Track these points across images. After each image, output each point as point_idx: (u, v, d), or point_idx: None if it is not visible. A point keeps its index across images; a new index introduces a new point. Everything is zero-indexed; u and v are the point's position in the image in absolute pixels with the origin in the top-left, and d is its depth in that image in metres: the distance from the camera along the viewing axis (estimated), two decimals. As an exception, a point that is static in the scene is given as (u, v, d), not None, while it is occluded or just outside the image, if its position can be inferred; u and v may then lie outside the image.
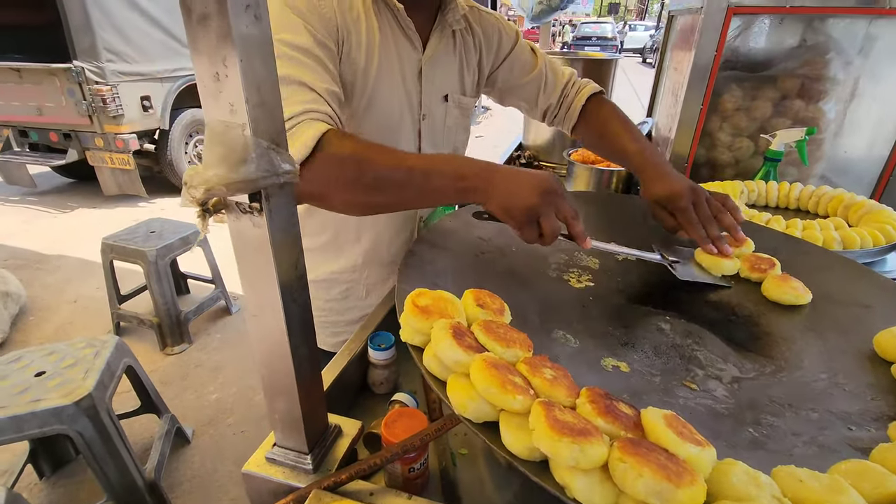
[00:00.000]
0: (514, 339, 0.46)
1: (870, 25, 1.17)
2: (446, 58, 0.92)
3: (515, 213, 0.61)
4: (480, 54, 0.98)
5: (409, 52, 0.86)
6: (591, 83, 1.04)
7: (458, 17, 0.89)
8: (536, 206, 0.60)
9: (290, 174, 0.42)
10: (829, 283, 0.70)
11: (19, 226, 4.11)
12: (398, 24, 0.83)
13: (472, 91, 1.01)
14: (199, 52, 0.38)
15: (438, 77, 0.91)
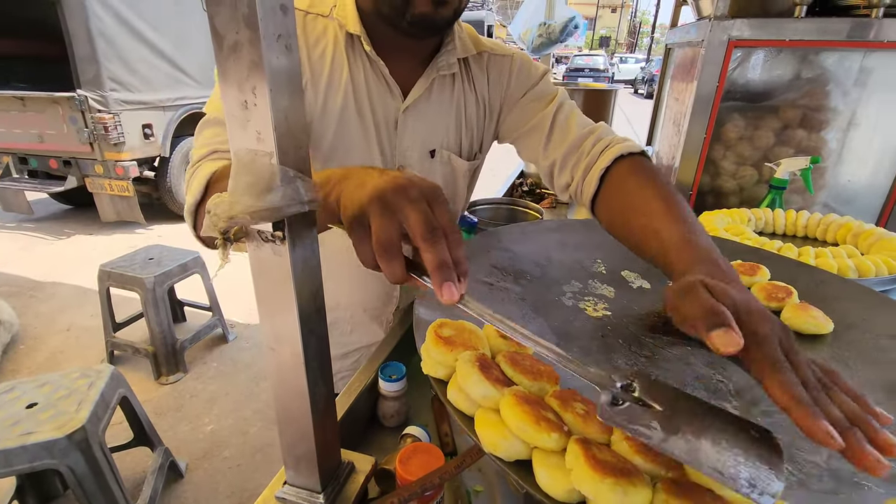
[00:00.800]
0: (540, 371, 0.45)
1: (864, 59, 1.20)
2: (436, 107, 0.82)
3: (345, 211, 0.44)
4: (484, 106, 0.87)
5: (385, 100, 0.79)
6: (629, 140, 0.75)
7: (451, 62, 0.80)
8: (366, 204, 0.42)
9: (314, 203, 0.42)
10: (849, 313, 0.69)
11: (15, 253, 4.08)
12: (372, 69, 0.77)
13: (471, 152, 0.89)
14: (228, 81, 0.37)
15: (421, 129, 0.82)
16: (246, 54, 0.36)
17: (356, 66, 0.76)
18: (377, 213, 0.41)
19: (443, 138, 0.85)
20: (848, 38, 1.11)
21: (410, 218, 0.41)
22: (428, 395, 0.82)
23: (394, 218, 0.41)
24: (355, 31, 0.74)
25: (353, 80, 0.76)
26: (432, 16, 0.68)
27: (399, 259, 0.41)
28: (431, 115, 0.82)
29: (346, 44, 0.76)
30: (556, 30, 2.03)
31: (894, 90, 1.21)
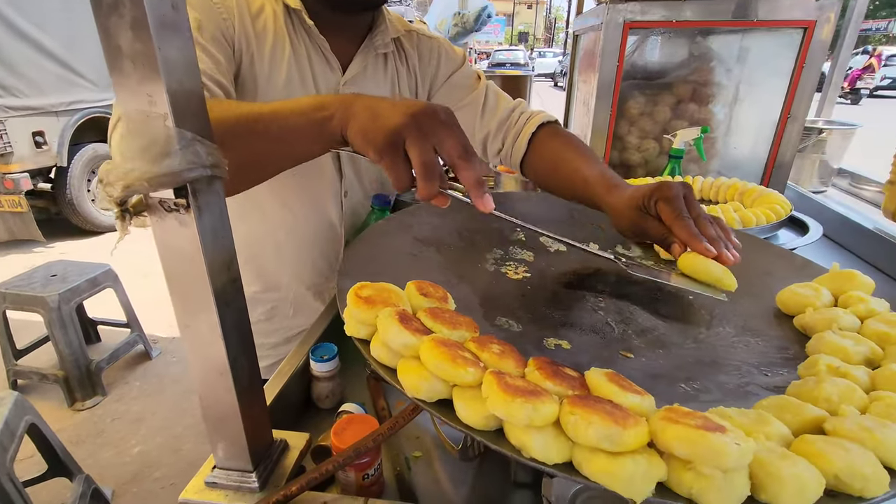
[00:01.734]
0: (460, 321, 0.47)
1: (742, 39, 1.34)
2: (372, 83, 0.88)
3: (374, 136, 0.46)
4: (416, 81, 0.95)
5: (326, 74, 0.83)
6: (545, 112, 0.90)
7: (386, 41, 0.87)
8: (400, 127, 0.45)
9: (219, 168, 0.41)
10: (734, 256, 0.78)
11: None
12: (311, 41, 0.81)
13: None
14: (111, 41, 0.36)
15: None
16: (128, 12, 0.35)
17: (298, 41, 0.79)
18: (415, 136, 0.44)
19: None
20: (732, 17, 1.24)
21: (447, 141, 0.45)
22: (363, 375, 0.82)
23: (430, 141, 0.45)
24: (295, 6, 0.77)
25: (296, 53, 0.79)
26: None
27: (440, 177, 0.46)
28: (369, 89, 0.87)
29: (285, 18, 0.77)
30: (470, 19, 2.07)
31: (768, 67, 1.36)
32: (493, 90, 0.93)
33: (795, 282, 0.66)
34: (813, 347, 0.54)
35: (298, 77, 0.80)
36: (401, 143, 0.45)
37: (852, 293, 0.60)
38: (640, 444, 0.33)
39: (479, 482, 0.62)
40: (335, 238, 0.96)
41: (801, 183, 1.88)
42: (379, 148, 0.46)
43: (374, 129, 0.46)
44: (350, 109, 0.50)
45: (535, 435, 0.34)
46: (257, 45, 0.76)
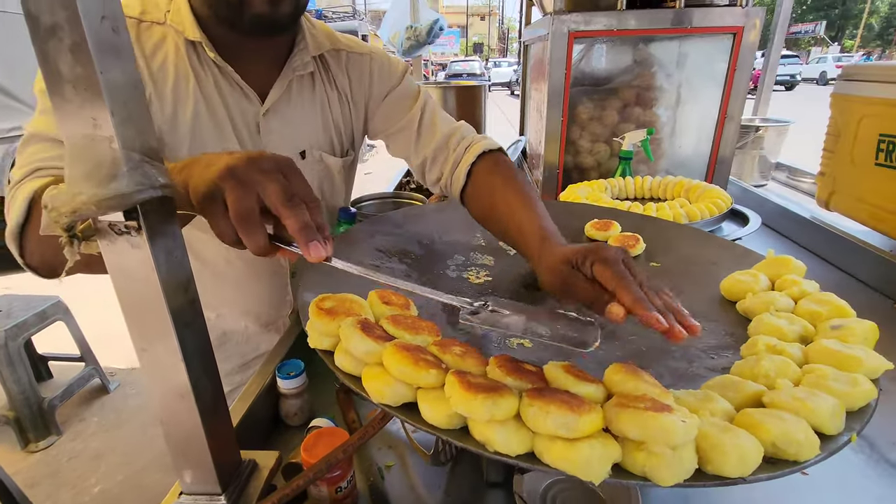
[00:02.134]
0: (421, 326, 0.48)
1: (680, 45, 1.42)
2: (298, 109, 0.81)
3: (196, 188, 0.43)
4: (349, 105, 0.87)
5: (242, 105, 0.76)
6: (488, 138, 0.85)
7: (305, 61, 0.79)
8: (218, 178, 0.41)
9: (168, 187, 0.41)
10: (683, 249, 0.82)
11: None
12: (221, 74, 0.74)
13: (342, 150, 0.89)
14: (49, 65, 0.35)
15: (287, 132, 0.80)
16: (67, 36, 0.35)
17: (204, 74, 0.73)
18: (231, 186, 0.41)
19: (311, 138, 0.84)
20: (670, 25, 1.31)
21: (268, 188, 0.41)
22: (332, 390, 0.82)
23: (250, 189, 0.41)
24: (195, 38, 0.70)
25: (203, 88, 0.72)
26: (271, 15, 0.66)
27: (261, 229, 0.42)
28: (296, 117, 0.81)
29: (187, 51, 0.71)
30: (422, 32, 2.11)
31: (705, 71, 1.45)
32: (429, 111, 0.87)
33: (738, 270, 0.70)
34: (753, 329, 0.58)
35: (207, 112, 0.74)
36: (220, 194, 0.42)
37: (787, 277, 0.65)
38: (594, 429, 0.35)
39: (453, 485, 0.63)
40: (279, 272, 0.91)
41: (744, 178, 2.00)
42: (199, 202, 0.42)
43: (198, 181, 0.43)
44: (187, 170, 0.45)
45: (497, 429, 0.36)
46: (155, 86, 0.70)
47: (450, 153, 0.84)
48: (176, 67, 0.71)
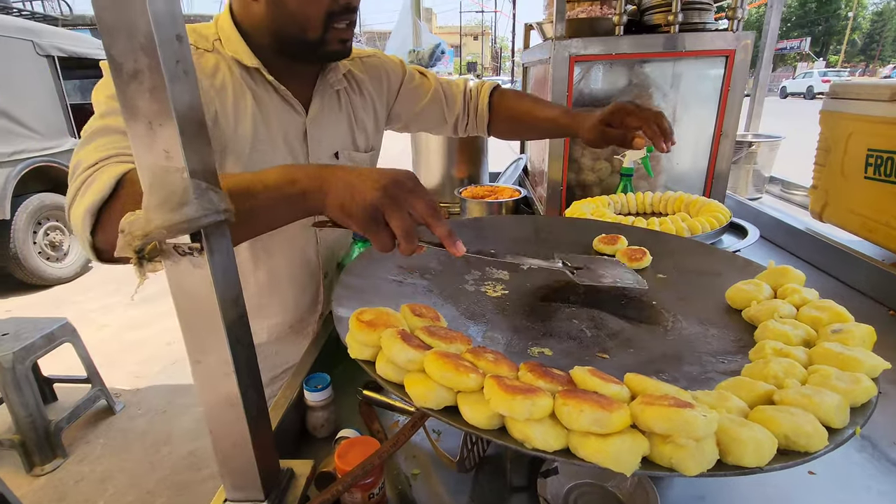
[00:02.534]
0: (454, 336, 0.52)
1: (674, 66, 1.48)
2: (333, 117, 0.94)
3: (355, 212, 0.51)
4: (373, 104, 1.02)
5: (291, 117, 0.88)
6: (487, 81, 1.13)
7: (339, 78, 0.94)
8: (379, 202, 0.50)
9: (228, 212, 0.45)
10: (687, 262, 0.86)
11: None
12: (274, 92, 0.86)
13: (366, 145, 1.04)
14: (129, 106, 0.40)
15: (326, 136, 0.94)
16: (147, 80, 0.39)
17: (259, 93, 0.84)
18: (391, 207, 0.51)
19: (343, 140, 0.97)
20: (663, 49, 1.37)
21: (416, 205, 0.52)
22: (354, 402, 0.85)
23: (405, 208, 0.52)
24: (252, 64, 0.82)
25: (259, 105, 0.83)
26: (341, 51, 0.83)
27: (416, 238, 0.53)
28: (330, 123, 0.94)
29: (241, 74, 0.82)
30: (425, 55, 2.18)
31: (699, 90, 1.51)
32: (443, 82, 1.09)
33: (740, 280, 0.74)
34: (760, 334, 0.61)
35: (264, 125, 0.84)
36: (380, 215, 0.51)
37: (788, 286, 0.69)
38: (624, 424, 0.39)
39: (478, 491, 0.66)
40: (313, 273, 0.99)
41: (739, 192, 2.06)
42: (360, 222, 0.52)
43: (353, 205, 0.51)
44: (324, 185, 0.53)
45: (534, 427, 0.39)
46: (220, 102, 0.80)
47: (469, 103, 1.09)
48: (233, 86, 0.81)
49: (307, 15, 0.77)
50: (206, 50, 0.81)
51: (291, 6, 0.77)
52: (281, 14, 0.78)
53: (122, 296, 3.99)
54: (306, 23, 0.78)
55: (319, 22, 0.78)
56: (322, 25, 0.78)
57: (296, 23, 0.78)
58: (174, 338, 3.30)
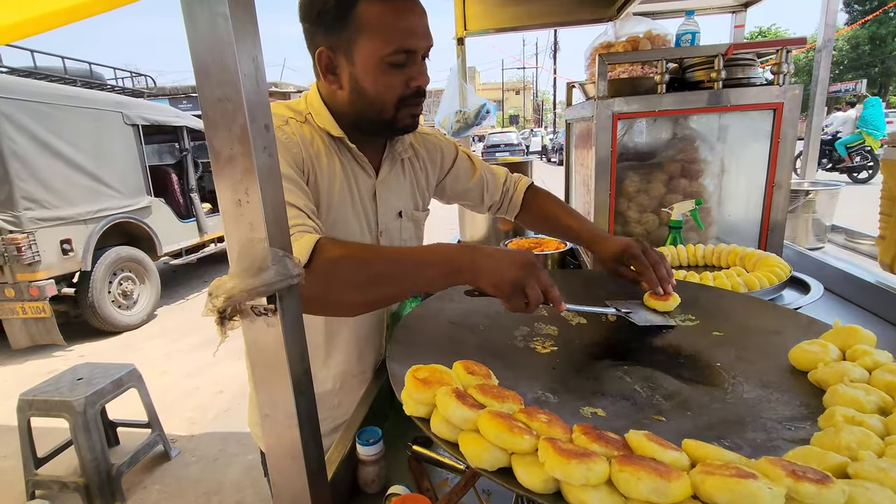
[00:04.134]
0: (506, 395, 0.53)
1: (721, 119, 1.49)
2: (397, 181, 1.06)
3: (504, 287, 0.71)
4: (427, 173, 1.13)
5: (364, 179, 0.99)
6: (524, 177, 1.26)
7: (405, 147, 1.05)
8: (521, 278, 0.70)
9: (300, 276, 0.49)
10: (744, 318, 0.84)
11: None
12: (352, 157, 0.97)
13: (423, 206, 1.14)
14: (223, 185, 0.46)
15: (392, 197, 1.04)
16: (240, 164, 0.45)
17: (343, 158, 0.95)
18: (531, 283, 0.71)
19: (406, 200, 1.07)
20: (707, 105, 1.39)
21: (542, 279, 0.73)
22: (403, 458, 0.85)
23: (537, 284, 0.72)
24: (338, 135, 0.93)
25: (343, 168, 0.95)
26: (410, 125, 0.94)
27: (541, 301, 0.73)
28: (396, 186, 1.04)
29: (329, 142, 0.94)
30: (470, 115, 2.29)
31: (747, 141, 1.50)
32: (488, 171, 1.22)
33: (804, 339, 0.71)
34: (829, 400, 0.58)
35: (346, 185, 0.96)
36: (521, 288, 0.71)
37: (858, 347, 0.66)
38: (684, 495, 0.38)
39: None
40: (380, 325, 1.06)
41: (798, 241, 1.97)
42: (508, 294, 0.72)
43: (503, 282, 0.71)
44: (476, 266, 0.73)
45: (591, 493, 0.39)
46: (317, 164, 0.92)
47: (506, 193, 1.23)
48: (324, 153, 0.93)
49: (384, 100, 0.89)
50: (300, 122, 0.93)
51: (370, 94, 0.88)
52: (361, 99, 0.89)
53: (184, 344, 4.20)
54: (382, 106, 0.89)
55: (392, 105, 0.89)
56: (394, 108, 0.90)
57: (373, 107, 0.90)
58: (225, 387, 3.42)
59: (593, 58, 1.68)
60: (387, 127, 0.93)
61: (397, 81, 0.88)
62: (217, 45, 0.42)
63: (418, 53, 0.88)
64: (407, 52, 0.86)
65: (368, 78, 0.87)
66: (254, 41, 0.45)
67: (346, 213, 0.95)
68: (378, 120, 0.91)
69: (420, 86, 0.90)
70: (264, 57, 0.47)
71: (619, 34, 1.80)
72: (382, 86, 0.87)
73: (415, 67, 0.89)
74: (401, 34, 0.85)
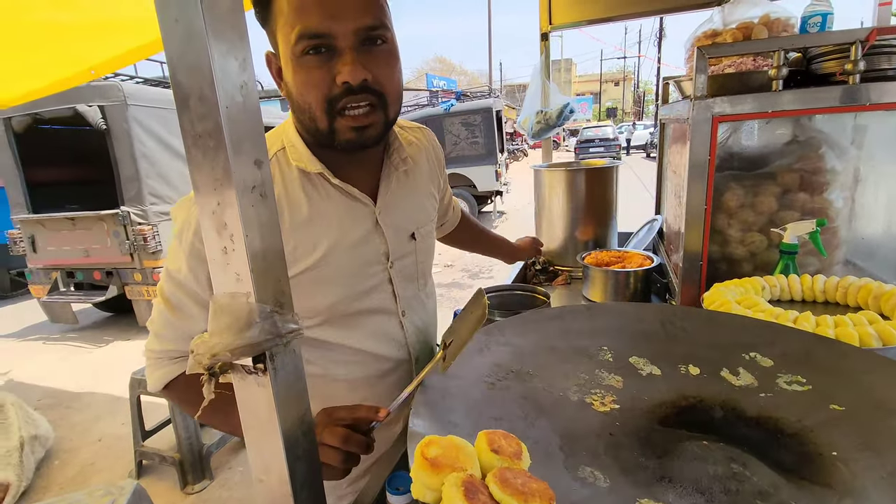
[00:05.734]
0: (533, 490, 0.43)
1: (856, 118, 1.22)
2: (401, 198, 0.89)
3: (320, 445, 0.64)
4: (436, 167, 1.00)
5: (360, 211, 0.83)
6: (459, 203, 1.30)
7: (403, 157, 0.88)
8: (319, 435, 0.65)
9: (294, 332, 0.43)
10: (876, 389, 0.64)
11: (56, 364, 4.23)
12: (337, 191, 0.80)
13: (434, 212, 1.00)
14: (208, 230, 0.41)
15: (399, 220, 0.88)
16: (229, 201, 0.40)
17: (323, 195, 0.80)
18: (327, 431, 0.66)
19: (418, 218, 0.93)
20: (839, 104, 1.13)
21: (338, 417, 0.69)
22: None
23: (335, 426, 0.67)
24: (316, 170, 0.77)
25: (331, 207, 0.80)
26: (357, 140, 0.74)
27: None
28: (402, 204, 0.89)
29: (301, 180, 0.78)
30: (552, 116, 2.14)
31: (890, 146, 1.21)
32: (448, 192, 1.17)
33: (968, 433, 0.52)
34: None
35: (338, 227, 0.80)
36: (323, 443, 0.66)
37: None
38: None
39: None
40: (404, 359, 0.93)
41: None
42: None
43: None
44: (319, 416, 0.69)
45: None
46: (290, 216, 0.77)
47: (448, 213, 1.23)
48: (305, 198, 0.78)
49: (308, 104, 0.71)
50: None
51: (294, 96, 0.72)
52: (293, 106, 0.74)
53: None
54: (310, 112, 0.72)
55: (321, 110, 0.71)
56: (326, 115, 0.71)
57: (304, 114, 0.73)
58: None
59: (692, 51, 1.46)
60: (330, 140, 0.74)
61: (316, 77, 0.69)
62: (196, 68, 0.37)
63: (340, 38, 0.68)
64: (319, 37, 0.67)
65: (289, 77, 0.71)
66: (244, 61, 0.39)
67: (343, 259, 0.81)
68: (318, 133, 0.73)
69: (347, 81, 0.68)
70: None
71: (728, 20, 1.54)
72: (300, 85, 0.70)
73: (340, 58, 0.68)
74: (306, 14, 0.66)
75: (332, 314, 0.83)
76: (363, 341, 0.87)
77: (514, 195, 10.53)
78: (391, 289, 0.89)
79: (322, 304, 0.82)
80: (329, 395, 0.87)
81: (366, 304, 0.86)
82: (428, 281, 1.00)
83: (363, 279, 0.85)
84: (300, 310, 0.79)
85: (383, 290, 0.88)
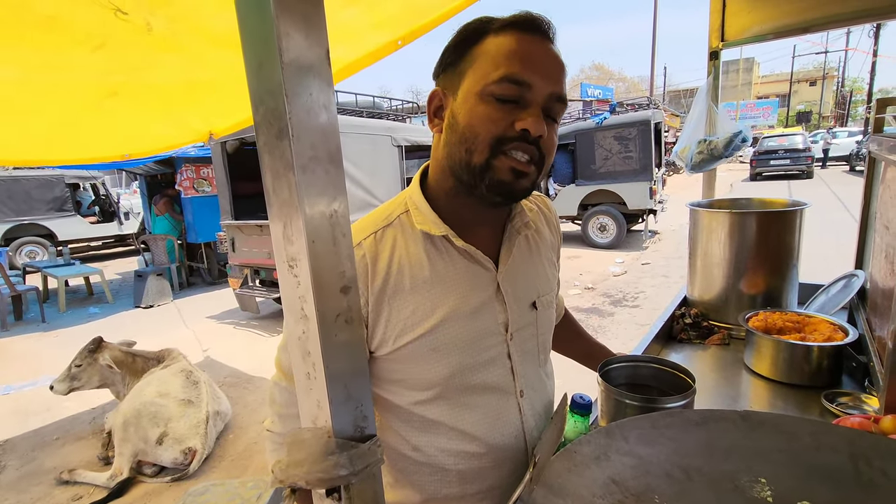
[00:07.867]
0: None
1: None
2: (523, 263, 0.85)
3: None
4: (555, 232, 0.96)
5: (481, 276, 0.80)
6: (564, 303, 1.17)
7: (525, 221, 0.85)
8: None
9: (372, 465, 0.41)
10: None
11: (242, 348, 5.03)
12: (459, 253, 0.78)
13: (554, 281, 0.94)
14: (294, 351, 0.41)
15: (520, 287, 0.84)
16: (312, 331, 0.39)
17: (446, 258, 0.78)
18: None
19: (539, 285, 0.88)
20: None
21: None
22: None
23: None
24: (440, 233, 0.76)
25: (449, 272, 0.78)
26: (509, 183, 0.72)
27: None
28: (524, 269, 0.85)
29: (425, 243, 0.78)
30: (719, 146, 1.86)
31: None
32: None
33: None
34: None
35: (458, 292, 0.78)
36: None
37: None
38: None
39: None
40: (520, 448, 0.84)
41: None
42: None
43: None
44: None
45: None
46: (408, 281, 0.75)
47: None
48: (426, 260, 0.77)
49: (476, 134, 0.71)
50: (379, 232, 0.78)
51: (461, 126, 0.72)
52: (452, 136, 0.74)
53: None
54: (473, 143, 0.71)
55: (486, 144, 0.70)
56: (489, 149, 0.71)
57: (462, 144, 0.72)
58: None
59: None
60: (479, 179, 0.72)
61: (498, 115, 0.69)
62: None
63: (534, 92, 0.69)
64: (519, 84, 0.69)
65: (465, 108, 0.72)
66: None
67: (460, 326, 0.76)
68: (468, 167, 0.72)
69: (527, 129, 0.69)
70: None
71: None
72: (476, 117, 0.70)
73: (527, 109, 0.70)
74: (515, 61, 0.69)
75: (448, 388, 0.78)
76: (477, 426, 0.80)
77: (671, 213, 9.56)
78: (509, 364, 0.82)
79: (438, 376, 0.78)
80: (434, 488, 0.82)
81: (482, 377, 0.80)
82: (548, 359, 0.92)
83: (480, 350, 0.79)
84: (415, 383, 0.78)
85: (501, 364, 0.82)
